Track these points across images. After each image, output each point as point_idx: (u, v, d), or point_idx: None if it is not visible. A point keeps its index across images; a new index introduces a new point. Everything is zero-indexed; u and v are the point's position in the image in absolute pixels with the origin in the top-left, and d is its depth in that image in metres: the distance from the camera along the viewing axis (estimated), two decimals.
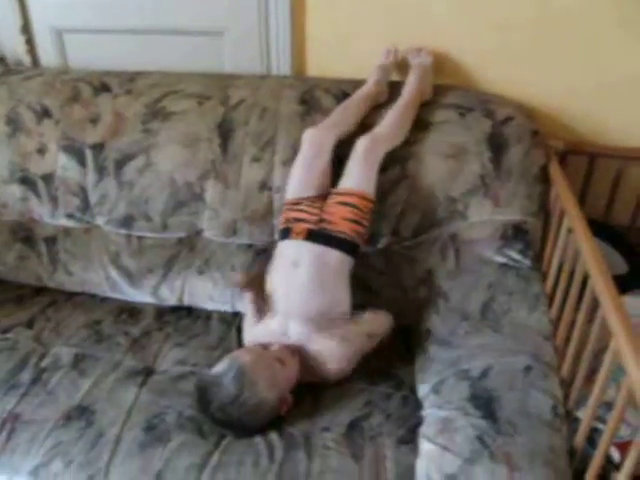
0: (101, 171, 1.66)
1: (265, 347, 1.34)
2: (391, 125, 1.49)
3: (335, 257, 1.40)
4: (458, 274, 1.48)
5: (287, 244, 1.44)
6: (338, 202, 1.43)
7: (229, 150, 1.60)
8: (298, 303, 1.39)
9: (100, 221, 1.71)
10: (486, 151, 1.49)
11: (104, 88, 1.70)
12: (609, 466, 1.15)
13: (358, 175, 1.44)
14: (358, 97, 1.56)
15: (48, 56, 1.89)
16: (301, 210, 1.45)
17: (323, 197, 1.47)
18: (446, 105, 1.56)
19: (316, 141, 1.49)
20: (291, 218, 1.46)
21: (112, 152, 1.65)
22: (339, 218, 1.41)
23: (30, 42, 1.87)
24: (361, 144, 1.44)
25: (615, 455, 1.17)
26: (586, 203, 1.71)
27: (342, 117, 1.52)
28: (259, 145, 1.58)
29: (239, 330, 1.56)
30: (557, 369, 1.23)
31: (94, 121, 1.67)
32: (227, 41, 1.76)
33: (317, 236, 1.41)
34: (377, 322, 1.45)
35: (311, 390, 1.37)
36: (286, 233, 1.45)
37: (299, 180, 1.49)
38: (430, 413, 1.22)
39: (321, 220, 1.42)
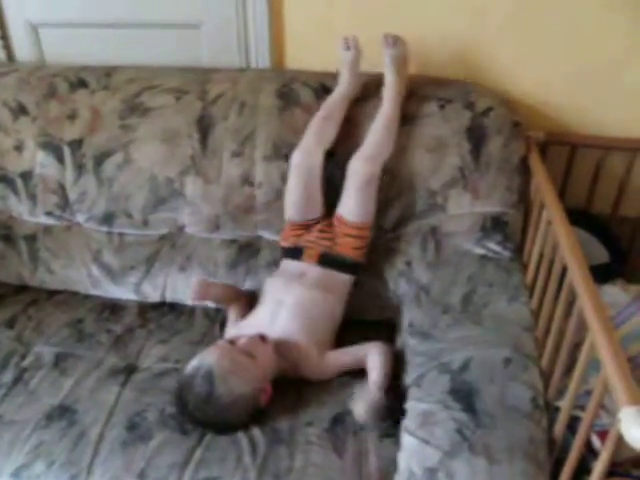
0: (80, 168, 1.65)
1: (233, 342, 1.33)
2: (380, 141, 1.48)
3: (342, 278, 1.49)
4: (438, 266, 1.48)
5: (296, 264, 1.50)
6: (345, 234, 1.48)
7: (209, 145, 1.58)
8: (295, 297, 1.43)
9: (80, 218, 1.70)
10: (465, 143, 1.48)
11: (81, 84, 1.68)
12: (590, 456, 1.16)
13: (359, 207, 1.48)
14: (334, 103, 1.53)
15: (24, 51, 1.86)
16: (310, 233, 1.51)
17: (329, 217, 1.52)
18: (426, 97, 1.55)
19: (305, 164, 1.49)
20: (301, 240, 1.51)
21: (90, 149, 1.64)
22: (348, 248, 1.49)
23: (5, 37, 1.84)
24: (356, 173, 1.46)
25: (597, 444, 1.18)
26: (567, 193, 1.71)
27: (324, 130, 1.51)
28: (239, 140, 1.57)
29: (222, 325, 1.56)
30: (537, 360, 1.23)
31: (71, 117, 1.66)
32: (204, 34, 1.74)
33: (328, 261, 1.49)
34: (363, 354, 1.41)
35: (295, 384, 1.37)
36: (295, 253, 1.50)
37: (299, 203, 1.51)
38: (411, 406, 1.22)
39: (330, 246, 1.49)
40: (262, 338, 1.34)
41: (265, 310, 1.46)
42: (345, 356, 1.41)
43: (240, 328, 1.45)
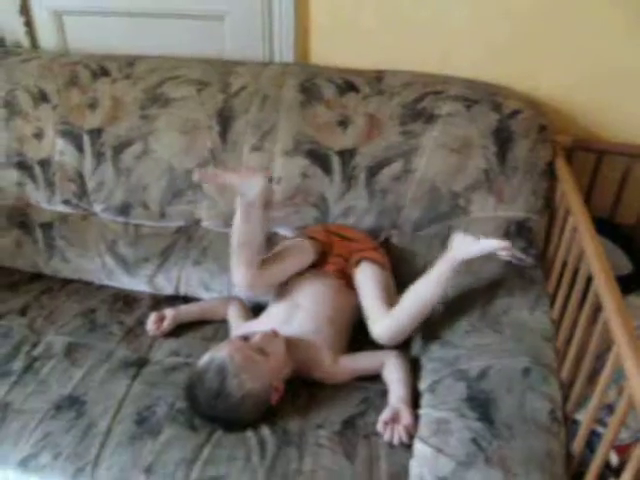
0: (99, 157, 1.64)
1: (246, 338, 1.31)
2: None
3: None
4: (458, 271, 1.44)
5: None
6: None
7: (229, 138, 1.57)
8: (312, 300, 1.41)
9: (97, 208, 1.69)
10: (491, 145, 1.45)
11: (103, 72, 1.67)
12: (606, 471, 1.13)
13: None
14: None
15: (47, 38, 1.86)
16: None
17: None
18: (452, 97, 1.51)
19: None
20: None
21: (110, 138, 1.63)
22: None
23: (29, 24, 1.84)
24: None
25: (613, 459, 1.15)
26: (592, 200, 1.67)
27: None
28: (259, 134, 1.55)
29: None
30: (557, 371, 1.20)
31: (92, 106, 1.65)
32: (228, 26, 1.72)
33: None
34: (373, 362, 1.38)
35: (307, 386, 1.35)
36: None
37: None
38: (425, 413, 1.19)
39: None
40: (274, 333, 1.32)
41: (280, 309, 1.43)
42: (359, 362, 1.38)
43: (252, 326, 1.42)
